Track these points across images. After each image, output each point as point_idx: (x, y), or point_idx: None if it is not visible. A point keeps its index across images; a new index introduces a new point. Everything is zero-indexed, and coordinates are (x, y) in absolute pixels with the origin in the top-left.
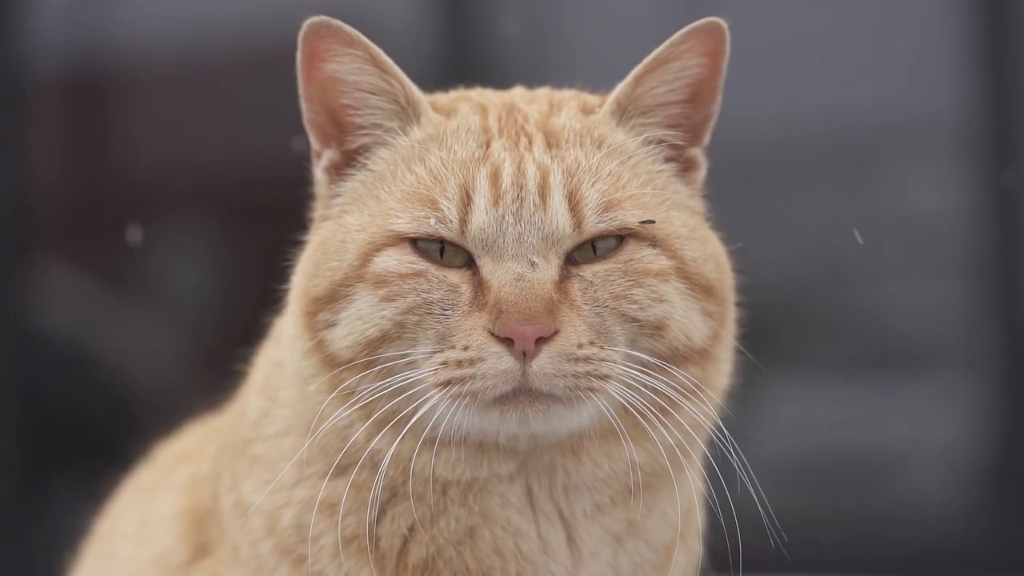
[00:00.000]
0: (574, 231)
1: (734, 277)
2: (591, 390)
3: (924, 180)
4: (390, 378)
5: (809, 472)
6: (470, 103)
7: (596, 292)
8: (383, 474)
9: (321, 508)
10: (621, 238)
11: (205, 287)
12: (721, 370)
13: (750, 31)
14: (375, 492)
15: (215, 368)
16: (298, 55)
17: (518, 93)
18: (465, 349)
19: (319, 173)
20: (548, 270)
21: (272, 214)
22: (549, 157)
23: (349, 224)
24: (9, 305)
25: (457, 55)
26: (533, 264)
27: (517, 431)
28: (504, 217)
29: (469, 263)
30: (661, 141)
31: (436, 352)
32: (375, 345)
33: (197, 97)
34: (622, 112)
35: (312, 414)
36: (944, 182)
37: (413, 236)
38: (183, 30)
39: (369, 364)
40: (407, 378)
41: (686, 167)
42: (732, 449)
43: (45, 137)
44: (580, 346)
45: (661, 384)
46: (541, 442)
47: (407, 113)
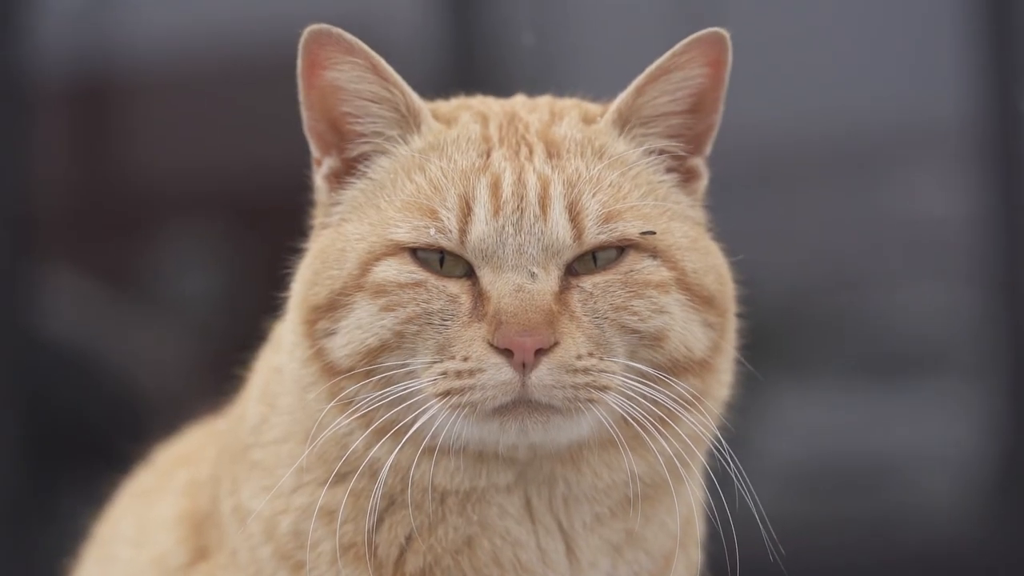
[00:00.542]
0: (574, 242)
1: (735, 288)
2: (590, 401)
3: (929, 185)
4: (390, 387)
5: (815, 477)
6: (471, 112)
7: (596, 303)
8: (382, 482)
9: (319, 515)
10: (621, 249)
11: (210, 291)
12: (721, 381)
13: (755, 36)
14: (374, 500)
15: (220, 372)
16: (298, 62)
17: (519, 101)
18: (465, 360)
19: (319, 181)
20: (548, 281)
21: (278, 219)
22: (550, 167)
23: (349, 233)
24: (14, 309)
25: (464, 61)
26: (533, 275)
27: (516, 441)
28: (504, 228)
29: (469, 273)
30: (663, 151)
31: (435, 362)
32: (374, 355)
33: (202, 102)
34: (623, 122)
35: (311, 422)
36: (949, 187)
37: (413, 246)
38: (188, 35)
39: (368, 373)
40: (407, 388)
41: (688, 177)
42: (730, 459)
43: (50, 141)
44: (579, 357)
45: (660, 395)
46: (540, 452)
47: (408, 121)
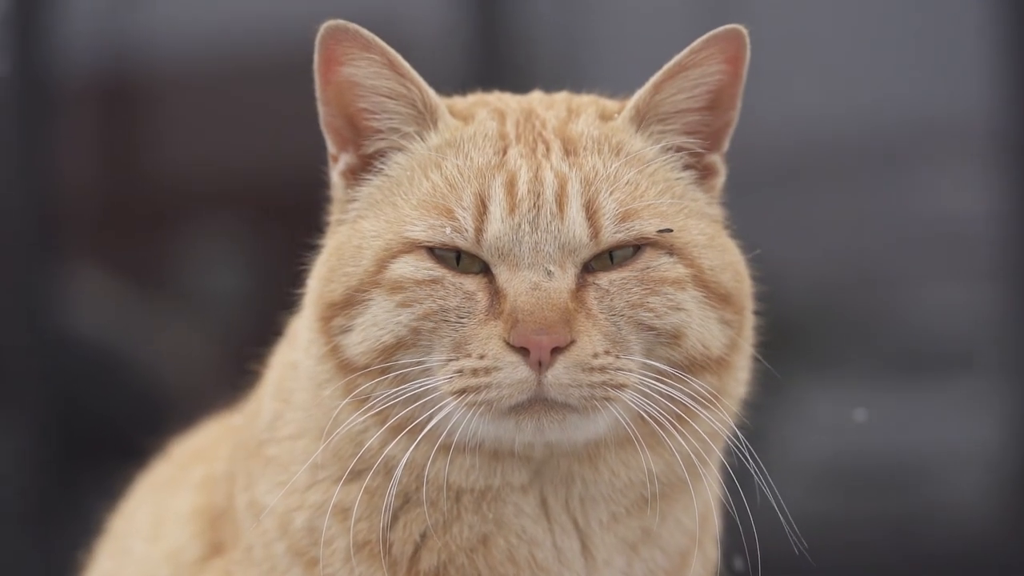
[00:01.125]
0: (591, 240)
1: (753, 285)
2: (607, 399)
3: (954, 182)
4: (405, 385)
5: (840, 475)
6: (488, 108)
7: (612, 301)
8: (397, 480)
9: (334, 512)
10: (638, 246)
11: (236, 288)
12: (738, 378)
13: (779, 33)
14: (388, 498)
15: (245, 369)
16: (315, 58)
17: (536, 98)
18: (481, 358)
19: (336, 177)
20: (564, 279)
21: (302, 216)
22: (567, 165)
23: (365, 230)
24: (39, 307)
25: (487, 57)
26: (549, 273)
27: (532, 440)
28: (520, 226)
29: (486, 270)
30: (680, 148)
31: (451, 360)
32: (390, 352)
33: (226, 99)
34: (641, 119)
35: (326, 419)
36: (974, 184)
37: (429, 244)
38: (212, 34)
39: (384, 370)
40: (422, 385)
41: (705, 174)
42: (749, 455)
43: (75, 140)
44: (596, 356)
45: (677, 393)
46: (557, 450)
47: (424, 118)
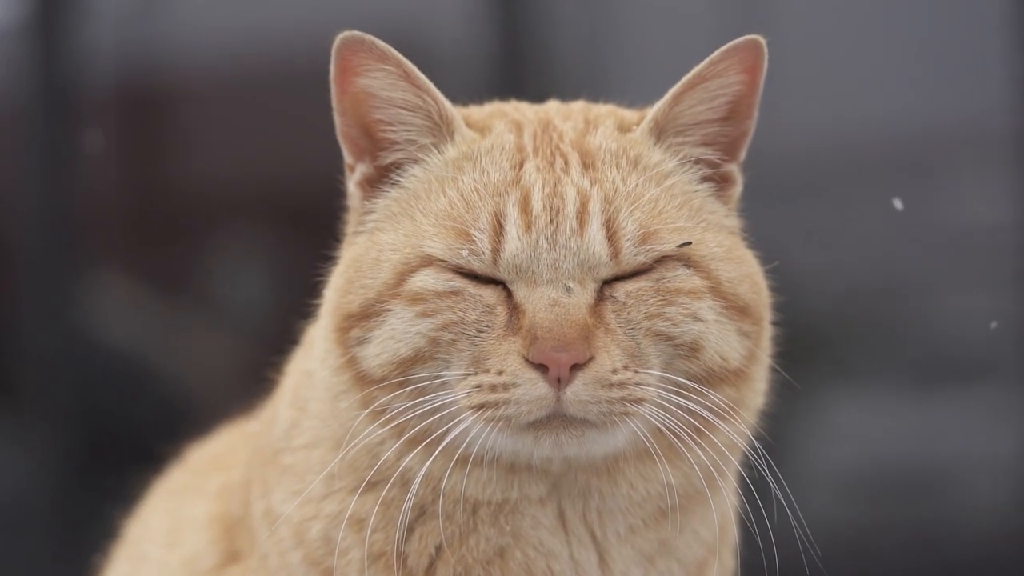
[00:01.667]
0: (611, 260)
1: (770, 295)
2: (626, 414)
3: (978, 190)
4: (423, 398)
5: (865, 483)
6: (505, 119)
7: (630, 313)
8: (414, 493)
9: (349, 523)
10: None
11: (259, 297)
12: (756, 389)
13: (802, 41)
14: (405, 510)
15: (267, 376)
16: (331, 68)
17: (553, 108)
18: (499, 374)
19: (352, 187)
20: (584, 295)
21: (326, 224)
22: (588, 180)
23: (383, 242)
24: (64, 314)
25: (508, 63)
26: (568, 289)
27: (551, 454)
28: (538, 242)
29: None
30: (698, 160)
31: (470, 374)
32: (408, 364)
33: (251, 107)
34: (660, 131)
35: (343, 430)
36: (998, 192)
37: (446, 263)
38: (236, 42)
39: (402, 384)
40: (440, 399)
41: (722, 184)
42: (768, 466)
43: (101, 149)
44: (615, 371)
45: (696, 406)
46: (575, 464)
47: (441, 129)
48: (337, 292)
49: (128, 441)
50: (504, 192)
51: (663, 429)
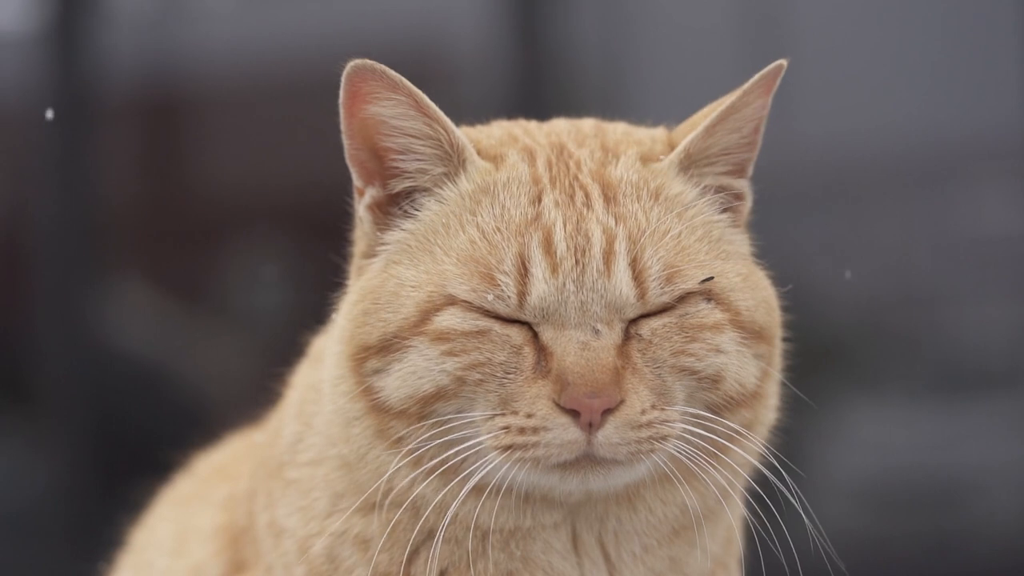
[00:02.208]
0: (638, 301)
1: (781, 313)
2: (652, 451)
3: (1000, 202)
4: (444, 431)
5: (887, 492)
6: (516, 148)
7: (655, 352)
8: (424, 518)
9: (354, 542)
10: None
11: (280, 304)
12: (768, 405)
13: (817, 53)
14: (413, 535)
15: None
16: (340, 93)
17: (564, 129)
18: (529, 417)
19: (362, 211)
20: (611, 336)
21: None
22: (612, 217)
23: (403, 277)
24: (84, 323)
25: (527, 76)
26: (597, 332)
27: (575, 489)
28: (564, 285)
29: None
30: (719, 188)
31: (497, 415)
32: (430, 401)
33: (270, 116)
34: (689, 163)
35: (354, 455)
36: (1018, 202)
37: (471, 303)
38: (255, 50)
39: (422, 416)
40: (464, 437)
41: (736, 202)
42: (782, 476)
43: (119, 156)
44: (643, 412)
45: (716, 435)
46: (596, 495)
47: (452, 158)
48: (352, 322)
49: (144, 448)
50: (526, 231)
51: (683, 459)
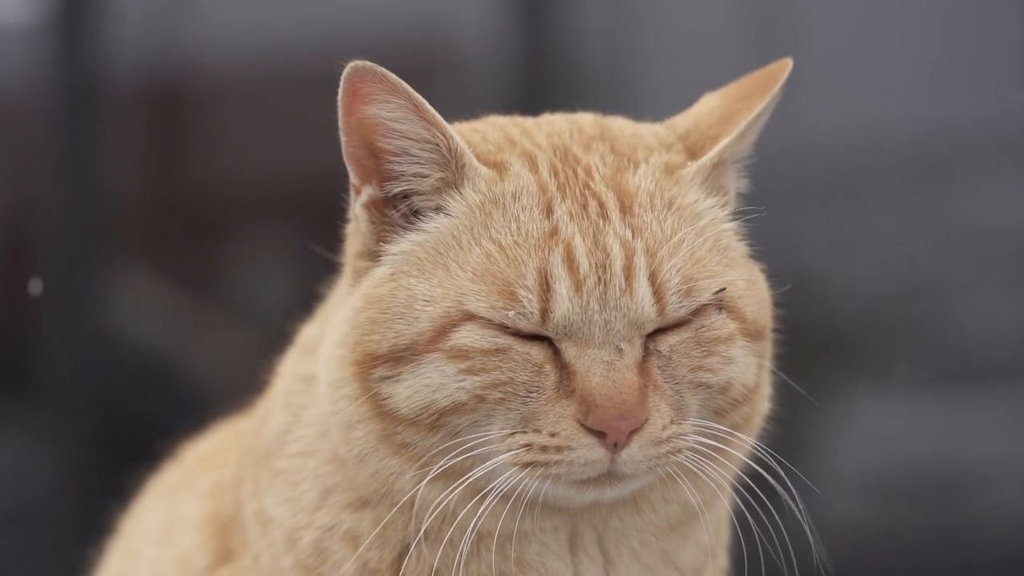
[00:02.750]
0: (657, 316)
1: (779, 310)
2: (666, 464)
3: (1005, 193)
4: (455, 442)
5: (891, 485)
6: (516, 152)
7: (675, 369)
8: (422, 520)
9: (344, 537)
10: None
11: (286, 295)
12: (764, 395)
13: (822, 47)
14: (406, 534)
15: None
16: (340, 91)
17: (564, 129)
18: (552, 436)
19: (358, 209)
20: (633, 354)
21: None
22: (629, 230)
23: (414, 290)
24: (89, 314)
25: (532, 69)
26: (620, 351)
27: (589, 501)
28: (588, 304)
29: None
30: (727, 192)
31: (517, 432)
32: (445, 414)
33: (276, 108)
34: (712, 169)
35: (355, 456)
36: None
37: (490, 320)
38: (261, 41)
39: (433, 427)
40: (475, 444)
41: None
42: (780, 467)
43: (124, 147)
44: (663, 428)
45: (721, 443)
46: (604, 502)
47: (449, 164)
48: (357, 328)
49: (149, 440)
50: (544, 245)
51: (690, 464)
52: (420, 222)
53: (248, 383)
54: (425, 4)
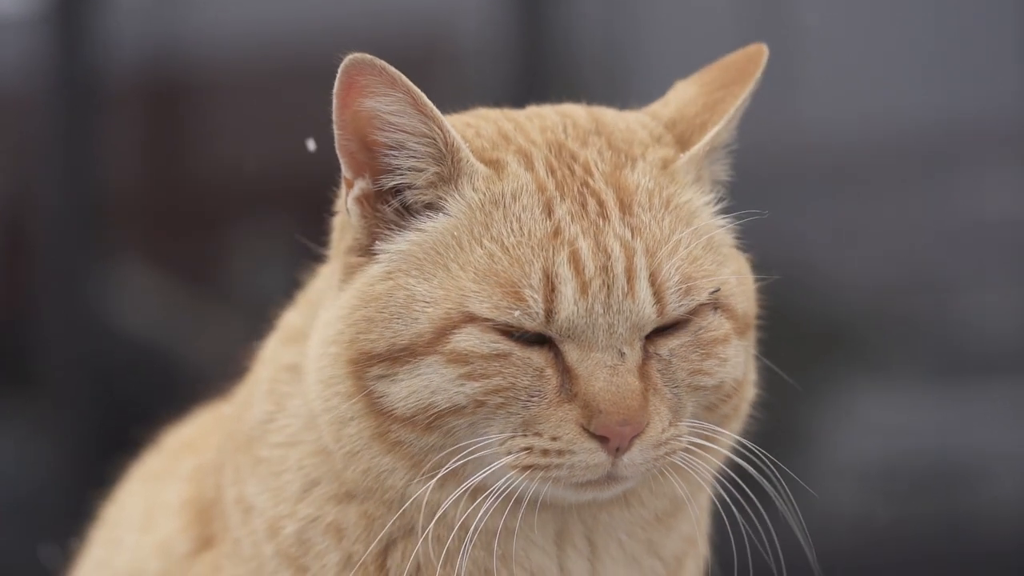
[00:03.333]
0: (657, 317)
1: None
2: (663, 465)
3: (1007, 185)
4: (455, 444)
5: (892, 477)
6: (511, 151)
7: (674, 372)
8: (410, 515)
9: (327, 529)
10: None
11: (284, 288)
12: (750, 382)
13: (820, 37)
14: (391, 528)
15: None
16: (335, 84)
17: (556, 123)
18: (554, 440)
19: (350, 202)
20: (634, 357)
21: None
22: (629, 230)
23: (413, 290)
24: (87, 306)
25: (530, 59)
26: (622, 355)
27: (585, 501)
28: (593, 307)
29: (551, 340)
30: (716, 183)
31: (518, 435)
32: (443, 416)
33: (273, 100)
34: (703, 159)
35: (345, 452)
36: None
37: (492, 321)
38: (258, 34)
39: (430, 427)
40: (472, 445)
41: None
42: (766, 468)
43: (122, 140)
44: (663, 431)
45: (711, 442)
46: (598, 500)
47: (445, 159)
48: (352, 327)
49: (147, 431)
50: (548, 246)
51: (681, 463)
52: (416, 220)
53: (245, 373)
54: None
